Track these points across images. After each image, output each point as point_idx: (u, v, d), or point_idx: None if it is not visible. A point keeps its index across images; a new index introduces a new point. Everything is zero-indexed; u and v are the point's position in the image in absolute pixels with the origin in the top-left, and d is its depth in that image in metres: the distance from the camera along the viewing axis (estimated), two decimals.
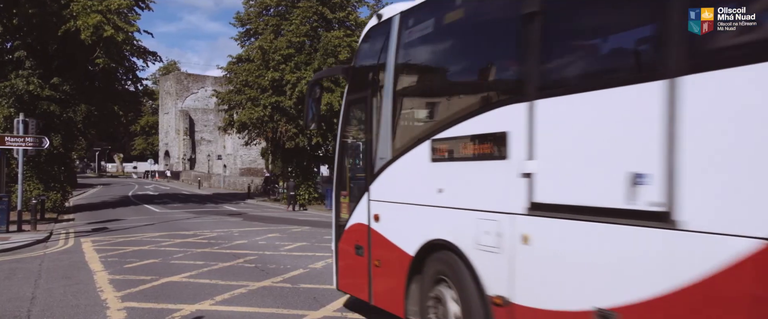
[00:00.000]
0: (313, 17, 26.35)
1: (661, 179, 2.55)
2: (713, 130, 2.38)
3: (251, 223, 17.58)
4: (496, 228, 3.62)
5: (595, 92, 2.96)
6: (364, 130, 5.42)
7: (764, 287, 2.16)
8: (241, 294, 6.95)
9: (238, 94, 27.42)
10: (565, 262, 3.11)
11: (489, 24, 3.96)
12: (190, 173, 59.75)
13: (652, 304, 2.56)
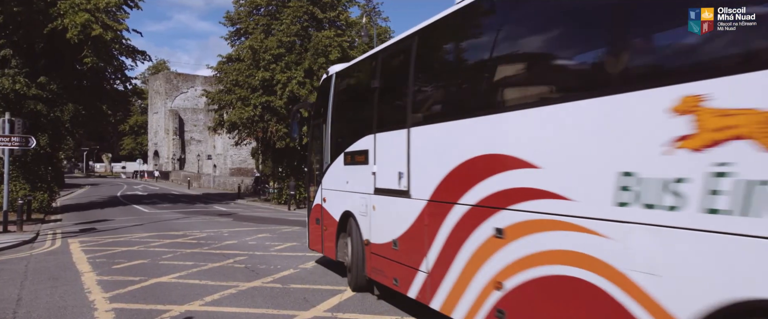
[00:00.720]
0: (303, 17, 26.28)
1: (406, 176, 5.42)
2: (419, 154, 5.22)
3: (241, 223, 17.49)
4: (365, 201, 6.52)
5: (389, 132, 5.87)
6: (319, 144, 8.32)
7: (431, 220, 4.92)
8: (231, 295, 6.91)
9: (228, 93, 27.28)
10: (385, 218, 6.01)
11: (362, 89, 6.99)
12: (180, 173, 59.36)
13: (407, 234, 5.46)
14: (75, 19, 19.05)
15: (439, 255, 4.85)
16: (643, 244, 2.85)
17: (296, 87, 24.47)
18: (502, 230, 3.94)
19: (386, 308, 6.32)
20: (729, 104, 2.47)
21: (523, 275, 3.75)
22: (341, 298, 6.74)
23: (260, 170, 39.57)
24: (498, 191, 4.01)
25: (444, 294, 4.79)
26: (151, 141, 70.98)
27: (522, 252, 3.76)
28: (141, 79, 76.14)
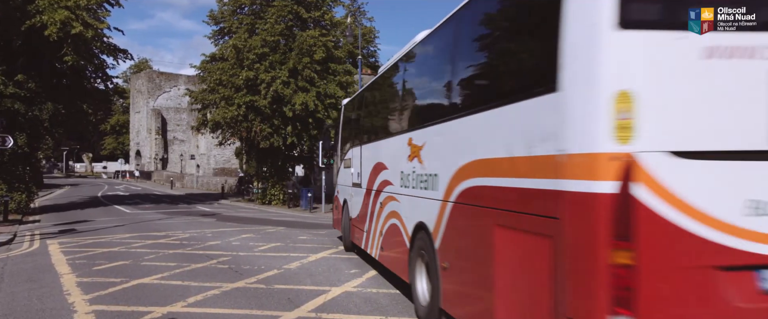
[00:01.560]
0: (288, 16, 26.14)
1: (359, 175, 9.09)
2: (364, 162, 8.77)
3: (225, 223, 17.35)
4: (350, 192, 10.03)
5: (357, 147, 9.35)
6: (338, 154, 11.91)
7: (367, 200, 8.55)
8: (215, 295, 6.84)
9: (212, 93, 27.03)
10: (356, 202, 9.47)
11: (350, 117, 10.32)
12: (163, 173, 58.68)
13: (361, 210, 8.98)
14: (54, 17, 18.72)
15: (367, 220, 8.44)
16: (405, 201, 6.42)
17: (280, 87, 24.33)
18: (381, 202, 7.58)
19: (371, 309, 6.32)
20: (416, 142, 5.86)
21: (387, 224, 7.25)
22: (326, 298, 6.72)
23: (244, 170, 39.30)
24: (380, 181, 7.64)
25: (368, 242, 8.52)
26: (133, 141, 70.06)
27: (386, 212, 7.28)
28: (123, 78, 75.11)
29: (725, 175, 2.92)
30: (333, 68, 26.47)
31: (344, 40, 28.86)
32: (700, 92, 2.89)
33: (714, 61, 2.89)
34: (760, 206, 2.91)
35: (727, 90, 2.90)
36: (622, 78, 2.81)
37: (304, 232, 14.90)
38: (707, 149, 2.88)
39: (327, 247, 11.49)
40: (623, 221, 2.81)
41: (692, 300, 2.88)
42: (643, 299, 2.80)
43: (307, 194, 24.88)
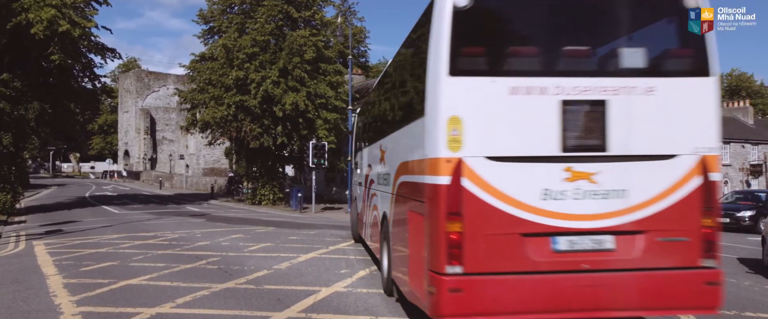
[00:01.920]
0: (278, 16, 26.05)
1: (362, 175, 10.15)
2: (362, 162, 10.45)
3: (214, 224, 17.23)
4: (358, 189, 11.14)
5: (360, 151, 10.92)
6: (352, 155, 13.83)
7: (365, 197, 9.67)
8: (204, 296, 6.78)
9: (202, 92, 26.87)
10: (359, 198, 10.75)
11: (359, 123, 11.66)
12: (151, 173, 58.23)
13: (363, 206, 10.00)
14: (40, 15, 18.49)
15: (365, 213, 9.45)
16: (379, 196, 7.51)
17: (271, 86, 24.24)
18: (370, 197, 8.67)
19: (361, 308, 6.29)
20: (383, 148, 7.16)
21: (372, 216, 8.43)
22: (316, 298, 6.68)
23: (234, 170, 39.13)
24: (370, 180, 8.72)
25: (364, 232, 9.77)
26: (121, 141, 69.45)
27: (371, 205, 8.48)
28: (111, 77, 74.50)
29: (526, 172, 4.34)
30: (323, 68, 26.41)
31: (334, 40, 28.81)
32: (507, 117, 4.33)
33: (517, 96, 4.31)
34: (549, 193, 4.33)
35: (526, 115, 4.33)
36: (453, 108, 4.26)
37: (295, 232, 14.83)
38: (512, 155, 4.33)
39: (317, 247, 11.44)
40: (455, 202, 4.24)
41: (503, 256, 4.30)
42: (468, 255, 4.24)
43: (297, 194, 24.80)
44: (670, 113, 4.47)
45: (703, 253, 4.45)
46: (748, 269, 10.31)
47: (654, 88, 4.44)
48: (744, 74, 62.98)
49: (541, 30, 4.74)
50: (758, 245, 14.60)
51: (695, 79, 4.53)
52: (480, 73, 4.38)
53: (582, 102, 4.40)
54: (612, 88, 4.41)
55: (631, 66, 4.53)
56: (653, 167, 4.47)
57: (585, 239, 4.41)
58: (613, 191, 4.41)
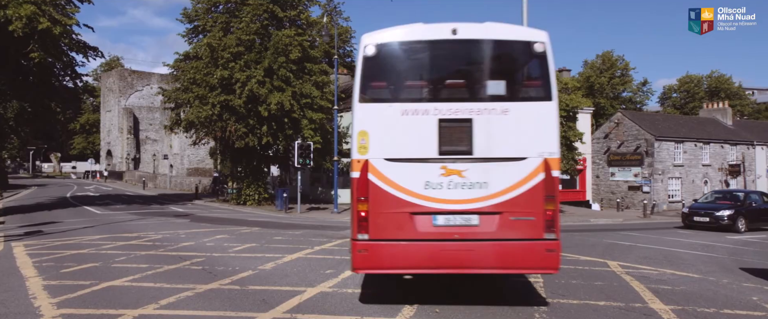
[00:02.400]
0: (263, 15, 25.90)
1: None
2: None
3: (199, 224, 17.09)
4: None
5: None
6: None
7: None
8: (188, 297, 6.73)
9: (186, 92, 26.60)
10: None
11: None
12: (135, 173, 57.53)
13: None
14: (19, 12, 18.17)
15: None
16: None
17: (256, 86, 24.09)
18: None
19: (346, 308, 6.30)
20: None
21: None
22: (301, 299, 6.67)
23: (219, 170, 38.83)
24: None
25: None
26: (103, 140, 68.50)
27: None
28: (93, 75, 73.44)
29: (413, 169, 6.05)
30: (309, 68, 26.33)
31: (320, 39, 28.72)
32: (400, 130, 6.07)
33: (407, 116, 6.08)
34: (430, 184, 6.03)
35: (413, 129, 6.05)
36: (362, 124, 6.14)
37: (280, 232, 14.76)
38: (403, 157, 6.07)
39: (303, 247, 11.41)
40: (363, 190, 6.05)
41: (397, 228, 6.01)
42: (372, 226, 6.01)
43: (282, 194, 24.69)
44: (520, 128, 6.14)
45: (545, 229, 6.01)
46: (726, 268, 10.50)
47: (508, 109, 6.14)
48: (723, 76, 63.92)
49: (425, 70, 6.64)
50: (737, 245, 14.89)
51: (540, 103, 6.19)
52: (381, 100, 6.32)
53: (454, 120, 6.12)
54: (476, 110, 6.12)
55: (491, 94, 6.25)
56: (507, 166, 6.11)
57: (457, 218, 6.10)
58: (477, 183, 6.09)
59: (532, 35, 6.35)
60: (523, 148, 6.13)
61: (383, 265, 6.13)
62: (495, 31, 6.43)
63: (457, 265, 6.09)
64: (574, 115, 26.45)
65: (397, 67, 6.57)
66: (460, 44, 6.38)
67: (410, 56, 6.57)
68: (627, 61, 58.59)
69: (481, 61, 6.50)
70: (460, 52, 6.51)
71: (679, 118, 48.25)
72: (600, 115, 50.75)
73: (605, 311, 6.40)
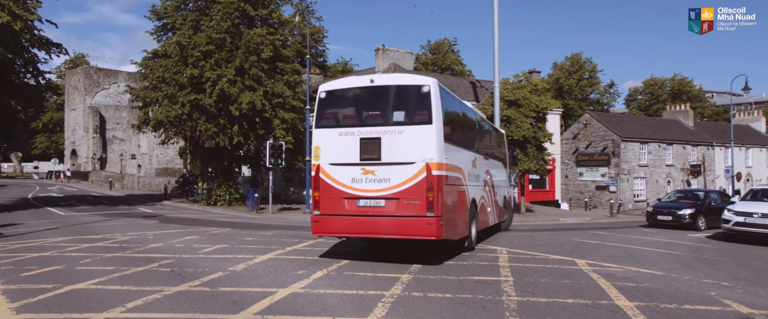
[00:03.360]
0: (234, 13, 25.60)
1: None
2: None
3: (168, 225, 16.78)
4: None
5: None
6: None
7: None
8: (156, 300, 6.60)
9: (155, 90, 26.10)
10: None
11: None
12: (101, 173, 56.06)
13: None
14: None
15: None
16: None
17: (227, 85, 23.79)
18: None
19: (318, 309, 6.28)
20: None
21: None
22: (272, 300, 6.62)
23: (189, 170, 38.18)
24: None
25: None
26: (68, 140, 66.54)
27: None
28: (57, 73, 71.28)
29: (345, 170, 9.41)
30: (281, 67, 26.13)
31: (292, 39, 28.52)
32: (337, 146, 9.52)
33: (342, 136, 9.53)
34: (355, 180, 9.32)
35: (345, 144, 9.44)
36: (316, 142, 9.77)
37: (251, 233, 14.62)
38: (339, 162, 9.48)
39: (274, 248, 11.33)
40: (316, 184, 9.63)
41: (335, 207, 9.43)
42: (321, 206, 9.53)
43: (253, 194, 24.43)
44: (411, 142, 9.22)
45: (427, 209, 8.97)
46: (687, 264, 10.84)
47: (403, 131, 9.29)
48: (685, 79, 65.94)
49: (354, 106, 10.02)
50: (697, 242, 15.40)
51: (424, 126, 9.23)
52: (328, 127, 9.81)
53: (369, 138, 9.38)
54: (384, 131, 9.36)
55: (394, 120, 9.44)
56: (402, 168, 9.18)
57: (371, 201, 9.28)
58: (383, 179, 9.24)
59: (422, 81, 9.54)
60: (412, 155, 9.18)
61: (329, 231, 9.69)
62: (398, 79, 10.69)
63: (372, 231, 9.47)
64: (543, 116, 26.90)
65: (337, 104, 10.09)
66: (376, 89, 9.82)
67: (345, 97, 10.11)
68: (594, 64, 60.02)
69: (388, 99, 9.78)
70: (375, 94, 9.88)
71: (644, 119, 49.59)
72: (569, 116, 51.81)
73: (573, 308, 6.54)
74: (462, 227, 10.56)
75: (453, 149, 10.10)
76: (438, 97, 9.28)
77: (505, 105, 25.09)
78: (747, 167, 47.42)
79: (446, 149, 9.50)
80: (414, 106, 9.48)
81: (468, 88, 33.87)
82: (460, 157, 10.71)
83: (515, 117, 24.73)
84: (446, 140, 9.53)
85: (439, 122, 9.20)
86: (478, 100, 30.57)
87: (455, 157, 10.27)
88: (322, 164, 9.57)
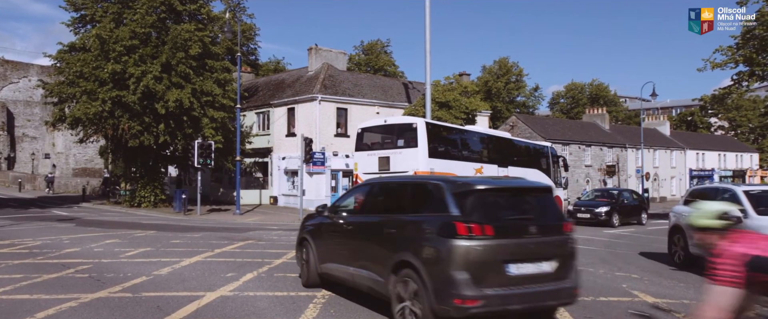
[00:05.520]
0: (160, 7, 24.58)
1: None
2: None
3: (86, 228, 15.83)
4: None
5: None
6: None
7: None
8: (71, 308, 6.23)
9: (72, 86, 24.54)
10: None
11: None
12: (9, 173, 51.92)
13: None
14: None
15: None
16: None
17: (152, 82, 22.79)
18: None
19: (247, 312, 6.18)
20: None
21: None
22: (200, 304, 6.44)
23: (110, 171, 36.21)
24: None
25: None
26: None
27: None
28: None
29: (370, 177, 11.11)
30: (210, 65, 25.36)
31: (222, 36, 27.75)
32: (366, 162, 16.10)
33: (368, 156, 16.19)
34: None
35: (370, 161, 15.96)
36: (356, 159, 16.87)
37: (178, 235, 14.10)
38: (367, 172, 15.34)
39: (202, 250, 11.00)
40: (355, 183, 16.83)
41: None
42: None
43: (180, 195, 23.55)
44: (408, 159, 14.93)
45: None
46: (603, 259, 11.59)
47: (402, 152, 15.33)
48: (602, 84, 70.15)
49: (374, 138, 16.73)
50: (611, 238, 16.48)
51: (414, 149, 15.04)
52: (361, 150, 16.50)
53: (383, 156, 15.64)
54: (391, 152, 15.67)
55: (398, 145, 15.59)
56: (402, 176, 11.77)
57: None
58: None
59: (415, 120, 15.92)
60: (407, 167, 14.57)
61: None
62: (400, 119, 17.55)
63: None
64: (473, 117, 27.76)
65: (365, 136, 16.60)
66: (387, 125, 16.44)
67: (371, 131, 16.75)
68: (521, 68, 62.49)
69: (394, 131, 16.11)
70: (387, 129, 16.38)
71: (565, 122, 52.31)
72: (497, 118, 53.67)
73: None
74: None
75: (446, 162, 15.71)
76: (424, 131, 15.12)
77: (436, 107, 25.66)
78: (654, 167, 51.14)
79: (436, 163, 15.17)
80: (408, 137, 15.37)
81: (400, 89, 34.31)
82: (456, 167, 15.93)
83: (446, 118, 25.36)
84: (438, 157, 15.60)
85: (425, 146, 15.04)
86: (410, 102, 31.05)
87: (450, 167, 15.46)
88: (359, 172, 16.28)
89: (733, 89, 23.33)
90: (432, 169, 14.58)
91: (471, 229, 4.91)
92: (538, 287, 5.14)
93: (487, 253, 4.93)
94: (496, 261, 4.96)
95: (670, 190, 53.27)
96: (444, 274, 4.89)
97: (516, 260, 5.05)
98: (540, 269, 5.19)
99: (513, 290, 5.00)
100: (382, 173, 14.55)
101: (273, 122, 30.96)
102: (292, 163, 28.63)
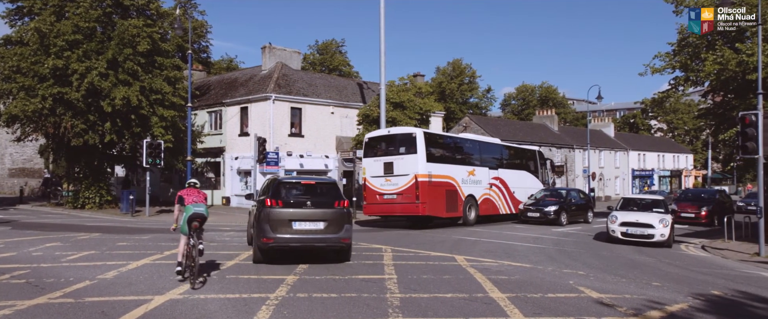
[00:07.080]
0: (106, 1, 23.62)
1: None
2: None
3: (24, 231, 15.02)
4: None
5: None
6: None
7: None
8: (5, 316, 5.90)
9: (8, 81, 23.25)
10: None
11: None
12: None
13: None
14: None
15: None
16: None
17: (97, 79, 21.87)
18: None
19: (197, 315, 6.04)
20: None
21: None
22: (147, 308, 6.24)
23: (51, 171, 34.51)
24: None
25: None
26: None
27: None
28: None
29: (377, 180, 18.99)
30: (160, 62, 24.58)
31: (173, 32, 26.93)
32: (373, 167, 19.20)
33: (375, 161, 19.18)
34: (382, 184, 18.81)
35: (376, 165, 19.10)
36: (364, 165, 19.73)
37: (125, 238, 13.59)
38: (374, 175, 19.10)
39: (151, 253, 10.65)
40: (364, 187, 19.59)
41: (373, 199, 19.14)
42: (366, 199, 19.42)
43: (128, 196, 22.72)
44: (407, 163, 18.24)
45: (415, 199, 17.87)
46: (551, 257, 11.96)
47: (404, 157, 18.36)
48: (551, 87, 72.39)
49: (379, 146, 19.41)
50: (560, 236, 17.03)
51: (414, 155, 18.16)
52: (369, 156, 19.46)
53: (387, 162, 18.75)
54: (394, 158, 18.62)
55: (400, 152, 18.57)
56: (403, 177, 18.19)
57: (389, 196, 18.53)
58: (394, 183, 18.40)
59: (414, 131, 18.63)
60: (408, 171, 18.04)
61: (370, 212, 19.44)
62: (402, 130, 19.74)
63: (390, 212, 19.17)
64: (427, 118, 28.05)
65: (371, 144, 19.50)
66: (391, 135, 19.30)
67: (375, 140, 19.57)
68: (474, 70, 63.61)
69: (396, 140, 18.83)
70: (390, 138, 19.19)
71: (516, 123, 53.66)
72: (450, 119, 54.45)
73: (452, 302, 6.94)
74: (451, 210, 19.14)
75: (442, 166, 18.85)
76: (422, 139, 18.06)
77: (390, 107, 25.80)
78: (600, 167, 53.23)
79: (433, 166, 18.28)
80: (408, 145, 18.28)
81: (355, 89, 34.29)
82: (451, 170, 19.31)
83: (400, 119, 25.53)
84: (435, 161, 18.51)
85: (423, 153, 17.93)
86: (365, 102, 31.09)
87: (445, 170, 18.96)
88: (367, 176, 19.10)
89: (671, 93, 24.58)
90: (430, 172, 18.03)
91: (271, 203, 9.30)
92: (311, 236, 9.36)
93: (280, 215, 9.23)
94: (285, 220, 9.22)
95: (614, 189, 55.55)
96: (260, 225, 9.34)
97: (297, 220, 9.29)
98: (316, 227, 9.36)
99: (294, 236, 9.26)
100: (386, 176, 18.42)
101: (226, 121, 30.33)
102: (245, 163, 28.13)
